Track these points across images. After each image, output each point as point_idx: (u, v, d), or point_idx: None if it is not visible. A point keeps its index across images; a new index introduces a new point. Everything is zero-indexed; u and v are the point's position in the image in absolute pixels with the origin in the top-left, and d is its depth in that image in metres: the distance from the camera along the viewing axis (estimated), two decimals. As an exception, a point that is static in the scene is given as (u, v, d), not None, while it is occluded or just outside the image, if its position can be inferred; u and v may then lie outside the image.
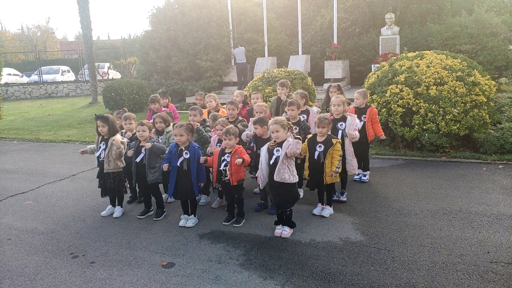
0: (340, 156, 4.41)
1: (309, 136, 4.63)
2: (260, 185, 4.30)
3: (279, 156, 4.00)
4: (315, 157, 4.44)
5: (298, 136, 4.13)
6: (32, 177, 6.96)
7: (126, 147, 4.87)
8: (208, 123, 5.22)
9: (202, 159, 4.42)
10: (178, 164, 4.38)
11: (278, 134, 4.02)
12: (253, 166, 4.68)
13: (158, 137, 5.09)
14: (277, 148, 4.04)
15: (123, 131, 5.26)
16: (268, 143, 4.12)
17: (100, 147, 4.83)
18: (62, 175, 6.97)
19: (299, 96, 5.42)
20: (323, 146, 4.40)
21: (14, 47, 42.55)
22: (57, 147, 9.58)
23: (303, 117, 5.27)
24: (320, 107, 6.43)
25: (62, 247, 4.17)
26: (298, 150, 3.94)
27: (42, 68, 26.62)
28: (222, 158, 4.41)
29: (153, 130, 5.06)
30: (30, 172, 7.31)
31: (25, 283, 3.52)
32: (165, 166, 4.40)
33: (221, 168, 4.39)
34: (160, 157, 4.72)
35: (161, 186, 5.05)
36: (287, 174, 3.97)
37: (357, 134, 4.87)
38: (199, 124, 5.03)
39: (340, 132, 4.87)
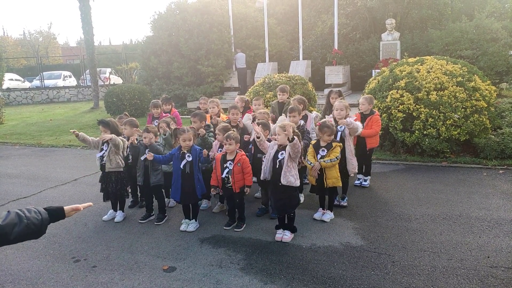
0: (337, 157, 4.42)
1: (313, 142, 4.67)
2: (261, 176, 4.30)
3: (282, 159, 4.04)
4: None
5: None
6: (34, 181, 6.99)
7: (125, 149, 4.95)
8: (211, 129, 5.23)
9: (204, 152, 4.43)
10: (182, 166, 4.40)
11: (278, 138, 4.09)
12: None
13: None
14: (282, 152, 4.08)
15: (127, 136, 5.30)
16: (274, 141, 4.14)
17: (102, 148, 4.89)
18: (64, 179, 6.99)
19: (296, 102, 5.45)
20: (326, 150, 4.45)
21: (16, 53, 42.76)
22: (59, 152, 9.62)
23: (302, 122, 5.31)
24: (321, 112, 6.45)
25: (64, 252, 4.19)
26: (299, 150, 3.98)
27: (44, 73, 26.75)
28: (225, 165, 4.42)
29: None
30: (32, 176, 7.34)
31: (27, 287, 3.53)
32: (149, 155, 4.36)
33: (223, 176, 4.41)
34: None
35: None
36: (293, 178, 4.01)
37: (350, 121, 4.82)
38: (204, 131, 5.04)
39: (339, 133, 4.90)
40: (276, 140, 4.13)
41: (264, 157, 4.36)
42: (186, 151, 4.43)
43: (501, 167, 6.36)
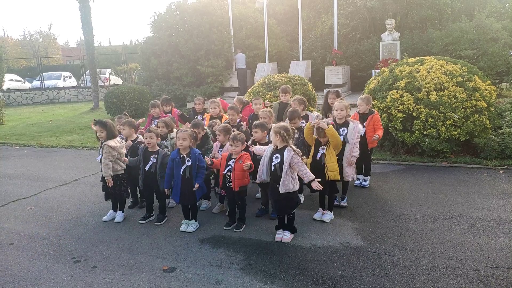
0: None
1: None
2: (257, 179, 4.32)
3: (277, 163, 4.02)
4: (317, 158, 4.47)
5: (297, 150, 4.11)
6: (34, 182, 6.99)
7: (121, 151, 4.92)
8: (211, 144, 5.23)
9: (207, 160, 4.45)
10: (181, 172, 4.39)
11: (271, 138, 4.14)
12: (252, 172, 4.71)
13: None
14: (276, 155, 4.07)
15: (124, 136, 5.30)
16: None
17: (99, 151, 4.89)
18: (64, 180, 6.99)
19: (296, 102, 5.45)
20: (325, 148, 4.44)
21: (16, 53, 42.72)
22: (58, 152, 9.62)
23: (302, 122, 5.31)
24: (320, 112, 6.46)
25: (64, 252, 4.19)
26: (298, 159, 4.00)
27: (44, 74, 26.75)
28: (228, 163, 4.44)
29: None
30: (32, 177, 7.34)
31: (27, 288, 3.54)
32: (167, 191, 4.52)
33: (225, 172, 4.42)
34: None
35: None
36: (291, 184, 4.01)
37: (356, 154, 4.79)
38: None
39: (341, 137, 4.87)
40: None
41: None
42: (185, 155, 4.41)
43: (501, 167, 6.36)
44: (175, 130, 5.30)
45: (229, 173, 4.42)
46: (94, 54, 18.26)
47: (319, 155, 4.47)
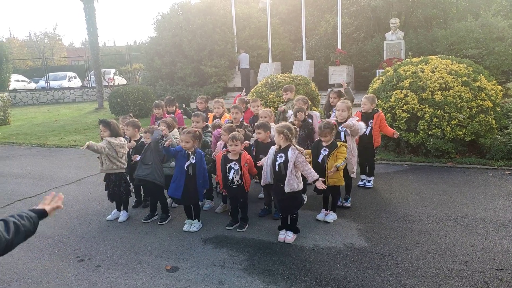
0: (345, 158, 4.43)
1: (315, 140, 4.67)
2: (262, 182, 4.32)
3: (282, 162, 4.01)
4: (319, 160, 4.46)
5: (301, 149, 4.09)
6: (39, 181, 7.03)
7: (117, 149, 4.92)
8: (210, 129, 5.25)
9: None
10: (185, 167, 4.40)
11: (275, 138, 4.15)
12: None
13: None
14: (280, 154, 4.06)
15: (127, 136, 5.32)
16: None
17: None
18: (69, 179, 7.03)
19: (301, 102, 5.48)
20: (327, 150, 4.42)
21: (22, 54, 43.04)
22: (63, 152, 9.68)
23: (310, 118, 5.38)
24: (322, 111, 6.46)
25: (68, 251, 4.21)
26: (303, 158, 3.98)
27: (49, 74, 26.92)
28: (228, 165, 4.41)
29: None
30: (37, 176, 7.38)
31: (32, 286, 3.56)
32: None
33: (230, 177, 4.38)
34: (159, 158, 4.73)
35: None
36: (296, 184, 4.00)
37: (352, 123, 4.74)
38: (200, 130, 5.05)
39: (342, 134, 4.88)
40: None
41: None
42: (191, 152, 4.42)
43: (507, 168, 6.29)
44: (176, 130, 5.33)
45: (236, 177, 4.38)
46: (99, 55, 18.35)
47: (321, 157, 4.46)
